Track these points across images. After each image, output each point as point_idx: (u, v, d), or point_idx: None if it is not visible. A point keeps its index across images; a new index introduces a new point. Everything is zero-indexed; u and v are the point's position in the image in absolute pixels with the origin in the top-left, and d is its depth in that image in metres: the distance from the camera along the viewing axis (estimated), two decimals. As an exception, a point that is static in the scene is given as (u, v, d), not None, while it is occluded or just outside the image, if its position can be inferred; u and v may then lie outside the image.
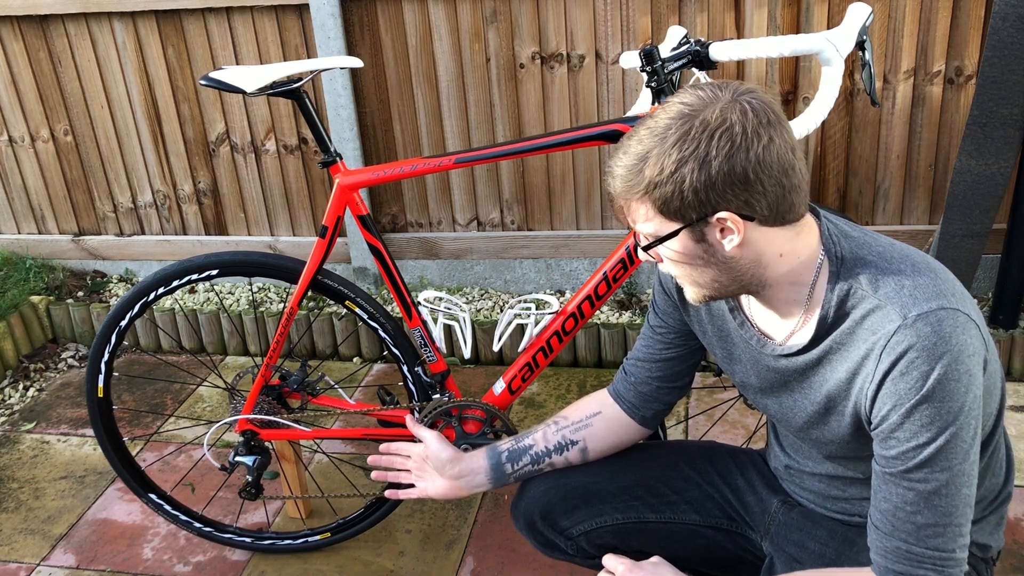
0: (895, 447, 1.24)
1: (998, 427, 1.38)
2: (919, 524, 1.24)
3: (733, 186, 1.20)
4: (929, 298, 1.22)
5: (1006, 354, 2.81)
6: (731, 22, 2.91)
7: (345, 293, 2.11)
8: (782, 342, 1.38)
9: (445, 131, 3.23)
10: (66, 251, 3.71)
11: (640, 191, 1.24)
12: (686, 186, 1.21)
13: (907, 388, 1.21)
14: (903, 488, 1.25)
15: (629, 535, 1.65)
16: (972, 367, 1.21)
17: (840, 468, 1.46)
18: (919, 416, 1.21)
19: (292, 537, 2.35)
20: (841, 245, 1.31)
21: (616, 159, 1.28)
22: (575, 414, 1.69)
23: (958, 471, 1.22)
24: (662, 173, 1.21)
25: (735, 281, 1.31)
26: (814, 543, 1.51)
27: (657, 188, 1.23)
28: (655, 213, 1.25)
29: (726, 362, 1.52)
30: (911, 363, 1.20)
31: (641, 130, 1.26)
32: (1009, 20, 2.47)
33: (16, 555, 2.44)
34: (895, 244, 1.33)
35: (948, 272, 1.29)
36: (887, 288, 1.25)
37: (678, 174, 1.21)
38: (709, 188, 1.20)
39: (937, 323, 1.20)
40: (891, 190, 3.05)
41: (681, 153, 1.20)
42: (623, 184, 1.26)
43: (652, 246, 1.30)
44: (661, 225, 1.26)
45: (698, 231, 1.25)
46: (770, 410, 1.48)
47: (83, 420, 3.01)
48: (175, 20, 3.24)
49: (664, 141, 1.22)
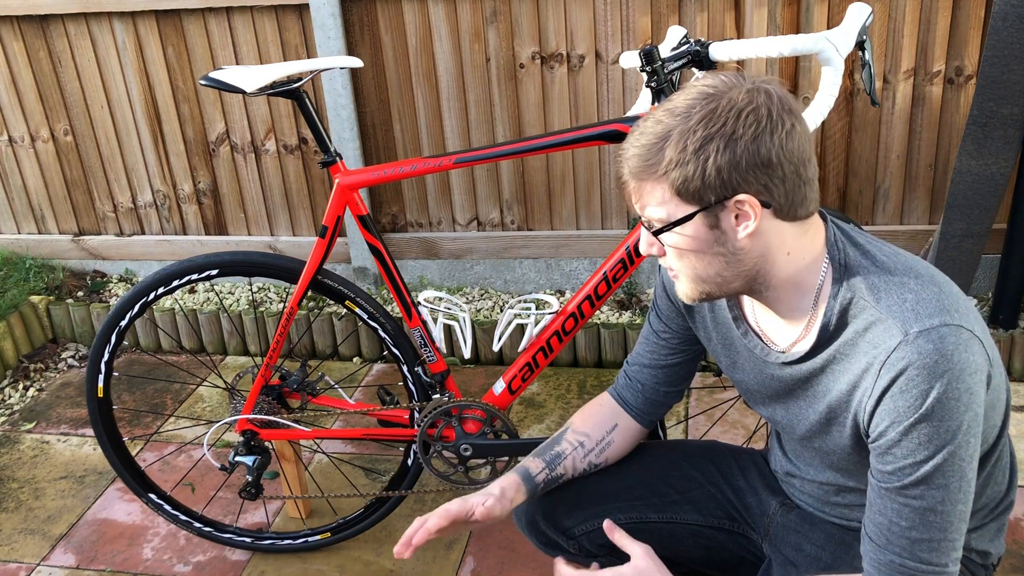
0: (892, 463, 1.23)
1: (1002, 438, 1.37)
2: (913, 539, 1.24)
3: (756, 168, 1.19)
4: (932, 314, 1.21)
5: (1006, 354, 2.81)
6: (731, 22, 2.91)
7: (345, 293, 2.11)
8: (785, 350, 1.37)
9: (445, 131, 3.23)
10: (66, 251, 3.71)
11: (659, 171, 1.21)
12: (710, 164, 1.18)
13: (906, 406, 1.20)
14: (899, 504, 1.24)
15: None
16: (973, 385, 1.19)
17: (842, 477, 1.45)
18: (917, 434, 1.20)
19: (292, 537, 2.35)
20: (846, 251, 1.30)
21: (631, 140, 1.25)
22: (595, 431, 1.64)
23: (955, 488, 1.22)
24: (685, 151, 1.19)
25: (739, 277, 1.28)
26: (811, 546, 1.51)
27: (678, 167, 1.20)
28: (671, 195, 1.22)
29: (730, 370, 1.51)
30: (910, 380, 1.19)
31: (659, 113, 1.23)
32: (1009, 20, 2.47)
33: (16, 555, 2.44)
34: (899, 253, 1.31)
35: (952, 284, 1.27)
36: (889, 300, 1.24)
37: (703, 152, 1.18)
38: (733, 168, 1.18)
39: (939, 340, 1.18)
40: (891, 190, 3.05)
41: (707, 131, 1.18)
42: (640, 163, 1.23)
43: (664, 231, 1.26)
44: (676, 208, 1.23)
45: (713, 216, 1.22)
46: (775, 417, 1.47)
47: (83, 420, 3.01)
48: (175, 20, 3.24)
49: (688, 119, 1.19)
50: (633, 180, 1.25)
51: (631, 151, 1.24)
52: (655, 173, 1.22)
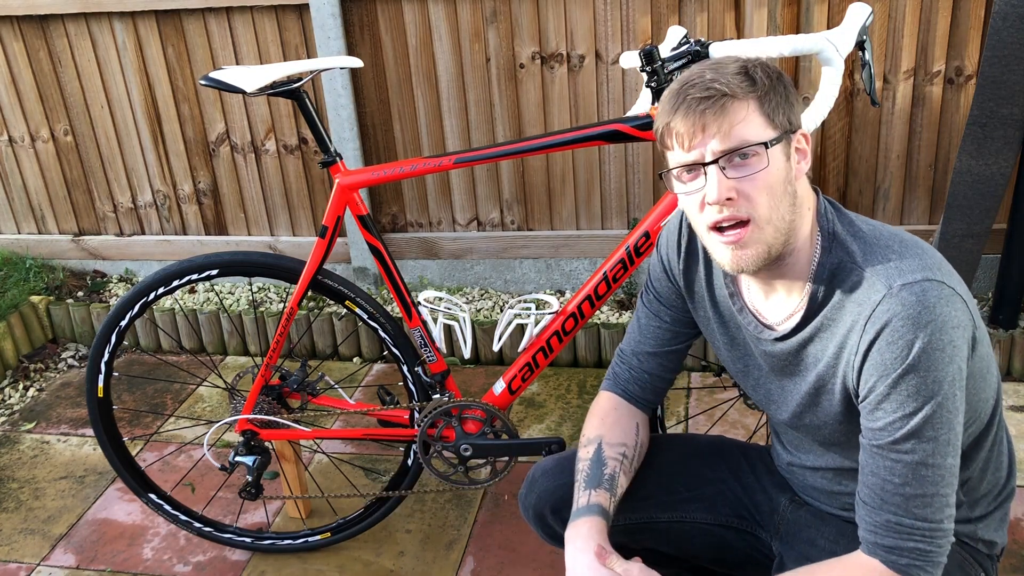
0: (882, 418, 1.26)
1: (996, 416, 1.39)
2: (907, 495, 1.26)
3: (798, 116, 1.33)
4: (915, 270, 1.25)
5: (1006, 354, 2.81)
6: (731, 22, 2.91)
7: (345, 293, 2.11)
8: (778, 324, 1.40)
9: (445, 131, 3.23)
10: (66, 251, 3.71)
11: (756, 91, 1.28)
12: (788, 92, 1.30)
13: (892, 358, 1.23)
14: (890, 460, 1.27)
15: (639, 533, 1.65)
16: (956, 339, 1.23)
17: (838, 458, 1.46)
18: (905, 387, 1.23)
19: (292, 537, 2.35)
20: (834, 223, 1.35)
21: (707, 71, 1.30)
22: (627, 437, 1.61)
23: (944, 440, 1.25)
24: (770, 79, 1.29)
25: (793, 228, 1.32)
26: (824, 540, 1.52)
27: (771, 90, 1.29)
28: (761, 116, 1.28)
29: (728, 348, 1.53)
30: (895, 331, 1.23)
31: (719, 62, 1.32)
32: (1009, 20, 2.47)
33: (16, 555, 2.44)
34: (885, 226, 1.36)
35: (938, 253, 1.31)
36: (874, 260, 1.29)
37: (780, 82, 1.30)
38: (794, 106, 1.31)
39: (921, 293, 1.23)
40: (891, 190, 3.05)
41: (774, 67, 1.31)
42: (739, 81, 1.28)
43: (772, 143, 1.27)
44: (762, 129, 1.28)
45: (788, 146, 1.31)
46: (770, 396, 1.49)
47: (83, 420, 3.01)
48: (175, 20, 3.24)
49: (753, 58, 1.32)
50: (727, 98, 1.27)
51: (723, 72, 1.29)
52: (753, 92, 1.28)
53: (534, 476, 1.69)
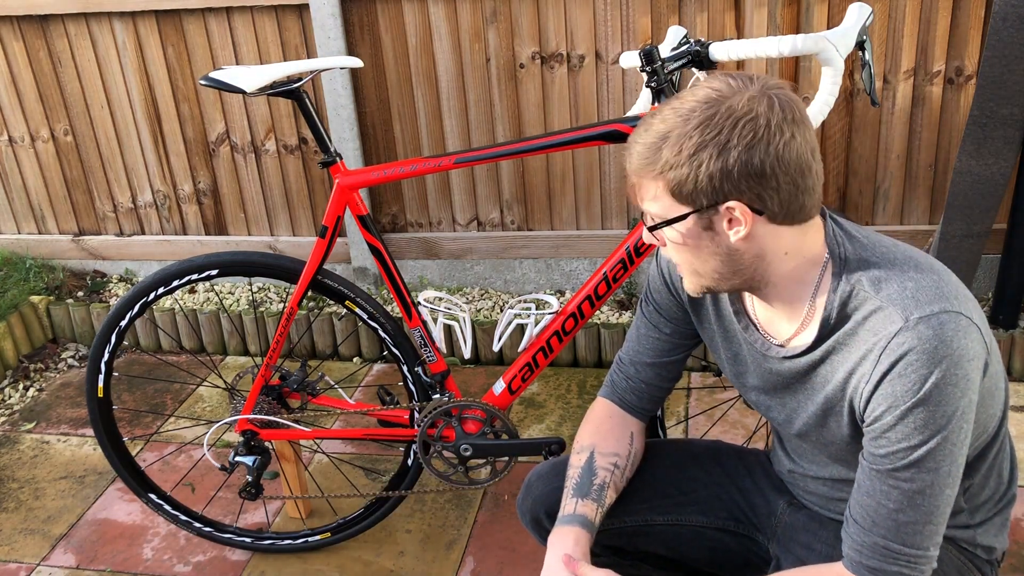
0: (885, 447, 1.25)
1: (1002, 429, 1.38)
2: (900, 522, 1.25)
3: (748, 178, 1.20)
4: (932, 300, 1.22)
5: (1006, 354, 2.82)
6: (731, 22, 2.91)
7: (345, 293, 2.11)
8: (785, 343, 1.38)
9: (445, 131, 3.23)
10: (66, 251, 3.71)
11: (655, 170, 1.24)
12: (702, 171, 1.20)
13: (904, 390, 1.21)
14: (888, 486, 1.25)
15: (635, 537, 1.65)
16: (970, 372, 1.21)
17: (844, 470, 1.45)
18: (913, 419, 1.21)
19: (292, 537, 2.35)
20: (845, 246, 1.31)
21: (637, 134, 1.27)
22: (620, 447, 1.61)
23: (944, 472, 1.23)
24: (680, 155, 1.21)
25: (737, 274, 1.30)
26: (821, 544, 1.51)
27: (672, 169, 1.22)
28: (666, 194, 1.25)
29: (731, 363, 1.51)
30: (910, 365, 1.20)
31: (666, 110, 1.25)
32: (1009, 20, 2.47)
33: (16, 555, 2.44)
34: (898, 245, 1.32)
35: (951, 274, 1.29)
36: (889, 289, 1.25)
37: (696, 158, 1.20)
38: (725, 176, 1.20)
39: (939, 326, 1.20)
40: (891, 190, 3.05)
41: (702, 137, 1.20)
42: (639, 160, 1.25)
43: (659, 227, 1.29)
44: (671, 207, 1.26)
45: (706, 218, 1.25)
46: (772, 413, 1.48)
47: (83, 420, 3.01)
48: (175, 20, 3.24)
49: (687, 123, 1.21)
50: (634, 174, 1.28)
51: (635, 147, 1.27)
52: (652, 172, 1.24)
53: (530, 481, 1.69)
